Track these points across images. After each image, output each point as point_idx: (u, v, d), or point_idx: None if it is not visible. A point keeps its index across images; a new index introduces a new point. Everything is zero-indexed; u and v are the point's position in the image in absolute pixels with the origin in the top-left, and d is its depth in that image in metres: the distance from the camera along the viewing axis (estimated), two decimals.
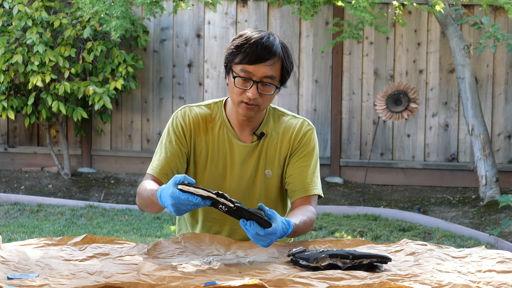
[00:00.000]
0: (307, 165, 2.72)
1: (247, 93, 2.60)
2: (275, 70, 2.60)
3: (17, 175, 8.26)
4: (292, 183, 2.71)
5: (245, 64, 2.58)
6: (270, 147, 2.72)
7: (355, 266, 2.18)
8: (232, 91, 2.63)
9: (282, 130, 2.76)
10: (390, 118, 7.63)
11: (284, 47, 2.64)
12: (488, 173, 7.28)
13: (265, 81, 2.59)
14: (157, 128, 8.43)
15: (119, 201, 7.63)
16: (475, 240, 6.18)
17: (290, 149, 2.74)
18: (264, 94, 2.61)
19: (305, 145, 2.74)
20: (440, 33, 8.04)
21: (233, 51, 2.61)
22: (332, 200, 7.70)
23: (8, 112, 7.75)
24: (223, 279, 2.02)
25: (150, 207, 2.56)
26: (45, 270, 2.13)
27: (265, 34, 2.61)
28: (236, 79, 2.60)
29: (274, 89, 2.62)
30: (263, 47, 2.57)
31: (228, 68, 2.64)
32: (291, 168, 2.73)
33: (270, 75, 2.59)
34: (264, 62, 2.58)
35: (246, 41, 2.59)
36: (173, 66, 8.43)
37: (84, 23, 7.76)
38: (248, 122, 2.72)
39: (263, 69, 2.58)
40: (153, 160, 2.72)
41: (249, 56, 2.57)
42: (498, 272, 2.19)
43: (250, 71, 2.58)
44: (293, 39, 8.25)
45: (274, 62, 2.59)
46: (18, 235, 6.02)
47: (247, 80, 2.59)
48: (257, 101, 2.62)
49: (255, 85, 2.59)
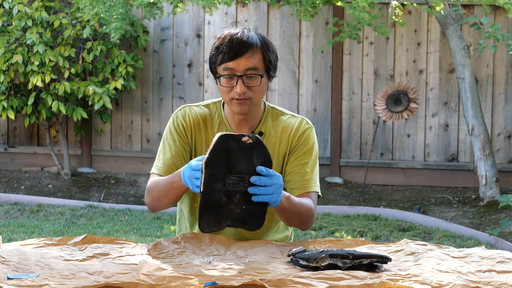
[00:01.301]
0: (305, 163, 2.73)
1: (235, 89, 2.63)
2: (256, 61, 2.63)
3: (17, 175, 8.26)
4: (291, 181, 2.72)
5: (226, 62, 2.62)
6: (269, 146, 2.72)
7: (355, 266, 2.18)
8: (222, 91, 2.67)
9: (281, 129, 2.77)
10: (390, 118, 7.63)
11: (262, 38, 2.67)
12: (488, 173, 7.28)
13: (249, 73, 2.63)
14: (157, 128, 8.42)
15: (119, 201, 7.63)
16: (475, 240, 6.18)
17: (289, 148, 2.75)
18: (252, 87, 2.64)
19: (304, 143, 2.75)
20: (440, 33, 8.04)
21: (213, 54, 2.66)
22: (332, 200, 7.70)
23: (8, 112, 7.75)
24: (223, 279, 2.02)
25: (166, 196, 2.58)
26: (45, 270, 2.13)
27: (240, 30, 2.66)
28: (221, 79, 2.64)
29: (260, 80, 2.64)
30: (239, 41, 2.62)
31: (213, 72, 2.69)
32: (290, 166, 2.74)
33: (252, 67, 2.62)
34: (242, 55, 2.61)
35: (223, 40, 2.64)
36: (173, 66, 8.43)
37: (84, 23, 7.76)
38: (245, 121, 2.73)
39: (243, 62, 2.61)
40: (157, 160, 2.73)
41: (227, 53, 2.61)
42: (498, 272, 2.19)
43: (232, 67, 2.62)
44: (293, 39, 8.25)
45: (253, 53, 2.62)
46: (18, 235, 6.02)
47: (232, 77, 2.63)
48: (248, 95, 2.64)
49: (240, 79, 2.62)
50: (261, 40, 2.66)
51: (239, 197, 2.34)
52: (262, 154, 2.33)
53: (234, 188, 2.33)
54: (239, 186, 2.33)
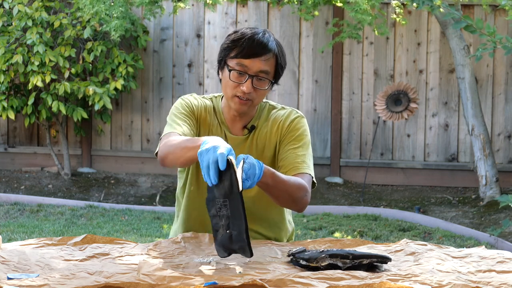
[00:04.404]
0: (297, 147, 2.71)
1: (242, 87, 2.62)
2: (269, 66, 2.63)
3: (17, 175, 8.26)
4: (283, 165, 2.69)
5: (240, 58, 2.61)
6: (260, 138, 2.74)
7: (355, 266, 2.18)
8: (227, 85, 2.65)
9: (271, 121, 2.77)
10: (390, 118, 7.63)
11: (279, 45, 2.67)
12: (488, 173, 7.28)
13: (260, 76, 2.62)
14: (157, 128, 8.42)
15: (119, 201, 7.63)
16: (475, 240, 6.18)
17: (279, 137, 2.75)
18: (258, 89, 2.64)
19: (293, 130, 2.75)
20: (440, 33, 8.04)
21: (228, 45, 2.64)
22: (332, 200, 7.70)
23: (8, 112, 7.75)
24: (223, 279, 2.02)
25: (183, 152, 2.45)
26: (45, 270, 2.13)
27: (260, 31, 2.65)
28: (231, 73, 2.62)
29: (268, 84, 2.65)
30: (259, 42, 2.61)
31: (222, 62, 2.66)
32: (281, 152, 2.73)
33: (265, 70, 2.62)
34: (259, 57, 2.61)
35: (242, 36, 2.62)
36: (173, 66, 8.43)
37: (84, 23, 7.76)
38: (240, 117, 2.74)
39: (258, 64, 2.61)
40: (171, 128, 2.64)
41: (245, 50, 2.60)
42: (498, 272, 2.19)
43: (245, 65, 2.61)
44: (293, 39, 8.25)
45: (269, 58, 2.62)
46: (18, 235, 6.02)
47: (242, 74, 2.62)
48: (251, 96, 2.64)
49: (250, 79, 2.61)
50: (278, 47, 2.66)
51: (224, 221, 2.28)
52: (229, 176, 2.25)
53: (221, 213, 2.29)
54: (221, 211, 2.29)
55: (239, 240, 2.23)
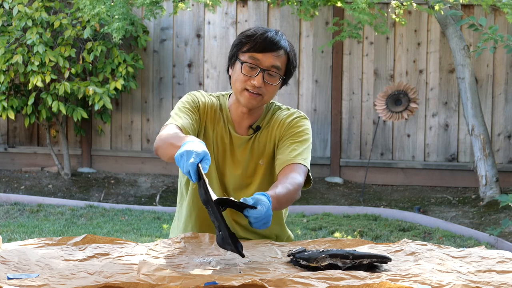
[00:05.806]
0: (294, 143, 2.71)
1: (253, 81, 2.65)
2: (281, 62, 2.67)
3: (17, 175, 8.26)
4: (279, 159, 2.70)
5: (253, 52, 2.64)
6: (262, 137, 2.76)
7: (355, 266, 2.18)
8: (237, 78, 2.67)
9: (274, 121, 2.79)
10: (390, 118, 7.63)
11: (291, 44, 2.73)
12: (488, 173, 7.28)
13: (272, 71, 2.65)
14: (157, 128, 8.42)
15: (119, 201, 7.63)
16: (475, 240, 6.18)
17: (280, 134, 2.76)
18: (269, 84, 2.66)
19: (294, 127, 2.76)
20: (440, 33, 8.04)
21: (241, 40, 2.68)
22: (332, 200, 7.70)
23: (8, 112, 7.75)
24: (223, 279, 2.02)
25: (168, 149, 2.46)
26: (45, 270, 2.13)
27: (273, 30, 2.70)
28: (243, 66, 2.65)
29: (278, 80, 2.67)
30: (272, 39, 2.66)
31: (234, 58, 2.69)
32: (279, 148, 2.74)
33: (277, 66, 2.65)
34: (272, 52, 2.64)
35: (256, 32, 2.67)
36: (173, 66, 8.43)
37: (84, 23, 7.76)
38: (248, 115, 2.74)
39: (270, 59, 2.64)
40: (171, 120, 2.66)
41: (259, 45, 2.64)
42: (498, 272, 2.19)
43: (258, 59, 2.64)
44: (293, 39, 8.25)
45: (281, 54, 2.66)
46: (18, 235, 6.02)
47: (254, 68, 2.65)
48: (261, 90, 2.66)
49: (262, 73, 2.64)
50: (290, 47, 2.71)
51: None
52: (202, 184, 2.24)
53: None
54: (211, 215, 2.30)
55: (227, 243, 2.24)
